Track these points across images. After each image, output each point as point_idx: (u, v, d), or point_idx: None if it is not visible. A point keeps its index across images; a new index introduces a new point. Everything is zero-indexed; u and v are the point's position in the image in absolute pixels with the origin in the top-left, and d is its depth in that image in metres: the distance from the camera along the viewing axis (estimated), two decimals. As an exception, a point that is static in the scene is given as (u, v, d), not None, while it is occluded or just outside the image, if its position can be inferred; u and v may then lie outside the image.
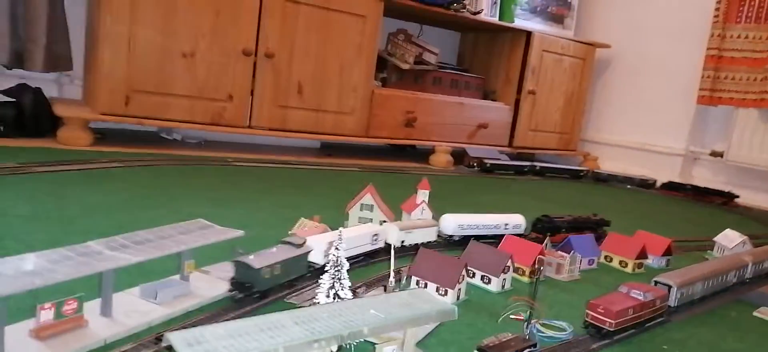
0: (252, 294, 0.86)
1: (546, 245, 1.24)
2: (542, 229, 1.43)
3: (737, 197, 2.65)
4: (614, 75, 3.42)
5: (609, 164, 3.33)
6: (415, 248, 1.16)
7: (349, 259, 1.07)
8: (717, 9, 2.85)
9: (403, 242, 1.22)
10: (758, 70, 2.75)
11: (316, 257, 0.98)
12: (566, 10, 3.29)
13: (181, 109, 2.09)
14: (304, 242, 0.95)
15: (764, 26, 2.73)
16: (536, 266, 1.12)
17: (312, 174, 2.07)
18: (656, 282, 1.08)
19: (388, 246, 1.23)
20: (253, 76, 2.22)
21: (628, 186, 2.88)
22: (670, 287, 1.07)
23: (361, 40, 2.45)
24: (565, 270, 1.21)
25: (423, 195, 1.38)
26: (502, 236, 1.24)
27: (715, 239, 1.65)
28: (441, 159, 2.70)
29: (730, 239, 1.62)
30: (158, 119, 2.05)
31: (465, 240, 1.22)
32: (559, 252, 1.23)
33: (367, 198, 1.32)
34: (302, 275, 0.94)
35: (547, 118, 3.15)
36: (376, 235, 1.16)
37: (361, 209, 1.33)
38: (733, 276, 1.28)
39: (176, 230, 0.90)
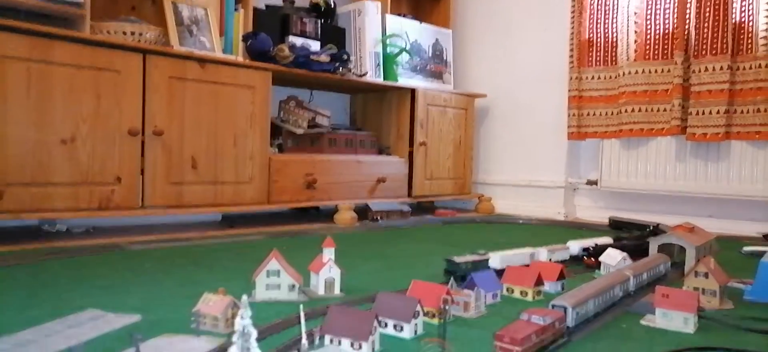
0: (457, 275, 1.44)
1: (451, 285, 1.29)
2: (593, 253, 1.91)
3: None
4: (494, 120, 3.69)
5: (502, 203, 3.53)
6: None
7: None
8: (571, 56, 3.21)
9: (551, 259, 1.71)
10: (612, 105, 3.11)
11: (494, 264, 1.59)
12: (444, 67, 3.53)
13: (64, 198, 1.96)
14: (486, 253, 1.60)
15: (612, 68, 3.10)
16: (443, 306, 1.16)
17: (214, 248, 2.00)
18: (553, 305, 1.16)
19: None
20: (142, 155, 2.14)
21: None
22: (566, 308, 1.15)
23: (253, 109, 2.46)
24: (471, 307, 1.27)
25: (329, 253, 1.39)
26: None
27: (600, 258, 1.80)
28: (345, 217, 2.73)
29: (612, 257, 1.77)
30: (38, 211, 1.91)
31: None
32: (465, 290, 1.28)
33: (273, 264, 1.31)
34: (486, 268, 1.54)
35: (440, 166, 3.31)
36: (532, 253, 1.70)
37: (267, 276, 1.31)
38: (619, 290, 1.41)
39: (64, 324, 0.84)
